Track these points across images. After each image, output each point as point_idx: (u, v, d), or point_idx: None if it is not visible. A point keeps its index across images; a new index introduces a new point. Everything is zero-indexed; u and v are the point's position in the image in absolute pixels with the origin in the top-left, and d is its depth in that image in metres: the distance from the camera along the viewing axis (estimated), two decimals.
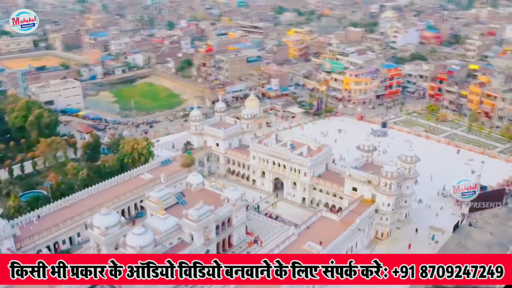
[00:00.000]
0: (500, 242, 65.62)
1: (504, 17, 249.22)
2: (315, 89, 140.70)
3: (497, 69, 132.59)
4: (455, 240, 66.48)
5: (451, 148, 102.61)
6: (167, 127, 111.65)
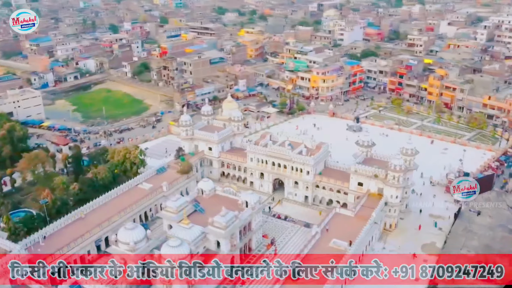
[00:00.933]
0: (500, 224, 70.31)
1: (434, 13, 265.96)
2: (280, 88, 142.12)
3: (451, 63, 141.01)
4: (460, 225, 70.20)
5: (424, 139, 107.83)
6: (144, 134, 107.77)
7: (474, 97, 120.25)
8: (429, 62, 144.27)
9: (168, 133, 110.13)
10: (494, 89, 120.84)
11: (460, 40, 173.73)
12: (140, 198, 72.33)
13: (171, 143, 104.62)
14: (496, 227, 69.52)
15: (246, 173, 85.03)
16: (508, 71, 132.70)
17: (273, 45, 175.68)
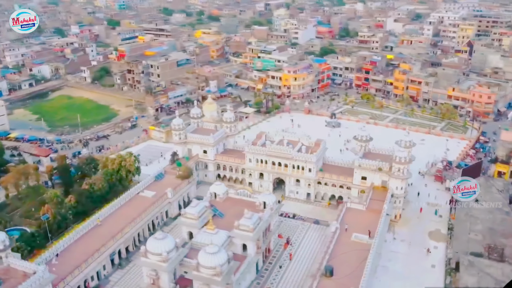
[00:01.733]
0: (497, 208, 74.26)
1: (378, 10, 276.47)
2: (249, 88, 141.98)
3: (413, 57, 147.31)
4: (461, 211, 73.48)
5: (400, 131, 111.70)
6: (124, 141, 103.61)
7: (439, 89, 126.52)
8: (390, 57, 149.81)
9: (148, 138, 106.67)
10: (455, 81, 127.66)
11: (413, 36, 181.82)
12: (147, 207, 69.61)
13: (153, 148, 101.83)
14: (494, 210, 73.52)
15: (244, 174, 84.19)
16: (465, 64, 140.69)
17: (235, 45, 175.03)
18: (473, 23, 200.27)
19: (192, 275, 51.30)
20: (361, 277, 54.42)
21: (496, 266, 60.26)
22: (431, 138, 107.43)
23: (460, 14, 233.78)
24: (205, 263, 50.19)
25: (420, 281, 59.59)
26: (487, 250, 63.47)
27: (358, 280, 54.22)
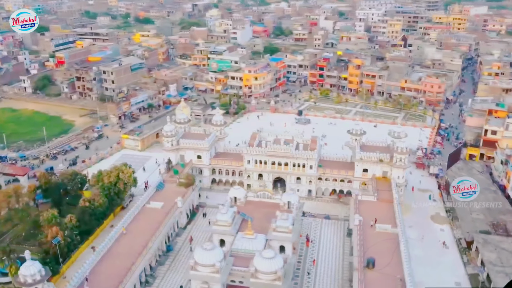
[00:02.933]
0: (484, 188, 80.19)
1: (304, 9, 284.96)
2: (207, 90, 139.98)
3: (361, 53, 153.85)
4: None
5: (368, 124, 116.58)
6: (97, 152, 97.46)
7: (392, 82, 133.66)
8: (339, 53, 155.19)
9: (121, 147, 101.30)
10: (406, 74, 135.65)
11: (351, 33, 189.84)
12: (162, 218, 66.29)
13: (129, 158, 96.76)
14: (483, 190, 79.25)
15: (241, 176, 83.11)
16: (410, 57, 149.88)
17: (181, 47, 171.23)
18: (400, 19, 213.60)
19: (249, 283, 49.90)
20: (401, 266, 56.23)
21: (507, 241, 65.25)
22: (397, 129, 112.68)
23: (383, 11, 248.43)
24: (264, 269, 49.10)
25: (441, 264, 63.04)
26: (493, 228, 68.56)
27: (399, 268, 55.95)
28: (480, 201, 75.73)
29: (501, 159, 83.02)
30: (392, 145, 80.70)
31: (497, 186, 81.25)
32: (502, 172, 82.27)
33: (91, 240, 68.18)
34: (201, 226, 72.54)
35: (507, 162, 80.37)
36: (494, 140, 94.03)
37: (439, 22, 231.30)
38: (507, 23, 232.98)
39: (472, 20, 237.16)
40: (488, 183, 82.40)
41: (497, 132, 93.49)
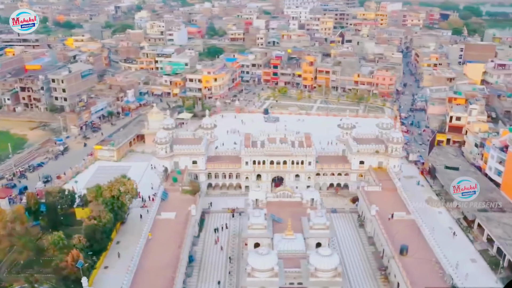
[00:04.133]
0: (465, 170, 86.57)
1: (232, 9, 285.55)
2: (164, 94, 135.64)
3: (312, 51, 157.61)
4: (443, 178, 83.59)
5: (332, 118, 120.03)
6: (71, 167, 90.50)
7: (346, 77, 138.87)
8: (289, 51, 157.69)
9: (94, 159, 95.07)
10: (357, 68, 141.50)
11: (291, 31, 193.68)
12: (181, 229, 63.44)
13: (107, 170, 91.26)
14: (465, 172, 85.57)
15: (239, 179, 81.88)
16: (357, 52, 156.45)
17: (125, 51, 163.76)
18: (332, 16, 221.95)
19: (309, 282, 49.60)
20: (430, 250, 59.06)
21: (505, 216, 70.97)
22: (362, 121, 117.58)
23: (309, 9, 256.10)
24: (323, 267, 49.14)
25: (452, 244, 66.84)
26: (488, 205, 74.11)
27: (429, 252, 58.77)
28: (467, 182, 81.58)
29: (475, 142, 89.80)
30: (380, 136, 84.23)
31: (475, 168, 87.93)
32: (478, 154, 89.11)
33: (102, 260, 63.64)
34: (212, 232, 70.45)
35: (483, 144, 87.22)
36: (459, 126, 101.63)
37: (364, 18, 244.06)
38: (422, 17, 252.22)
39: (391, 16, 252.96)
40: (466, 165, 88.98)
41: (461, 118, 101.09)
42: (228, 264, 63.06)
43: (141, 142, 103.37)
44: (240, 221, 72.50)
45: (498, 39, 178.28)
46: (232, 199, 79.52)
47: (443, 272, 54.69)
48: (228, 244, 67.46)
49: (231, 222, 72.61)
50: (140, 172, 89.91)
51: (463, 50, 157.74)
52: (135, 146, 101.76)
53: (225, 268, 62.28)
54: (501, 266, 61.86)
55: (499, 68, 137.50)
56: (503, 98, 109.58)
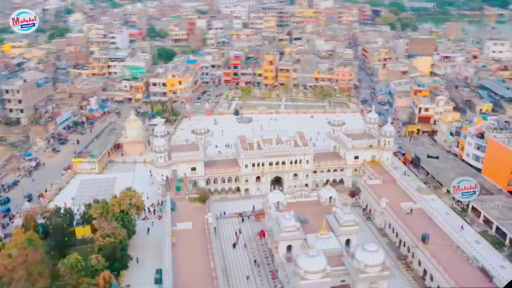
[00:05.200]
0: (444, 157, 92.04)
1: (168, 9, 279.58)
2: (125, 99, 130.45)
3: (271, 50, 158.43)
4: (429, 166, 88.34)
5: (302, 116, 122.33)
6: (52, 183, 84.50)
7: (307, 74, 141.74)
8: (246, 51, 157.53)
9: (73, 173, 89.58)
10: (315, 65, 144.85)
11: (240, 31, 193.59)
12: (203, 239, 61.84)
13: (90, 183, 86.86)
14: (445, 159, 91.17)
15: (238, 182, 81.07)
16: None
17: (73, 57, 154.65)
18: (274, 14, 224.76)
19: (358, 278, 50.62)
20: (447, 236, 62.45)
21: (495, 198, 76.39)
22: (332, 117, 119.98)
23: (248, 8, 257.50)
24: (372, 262, 50.40)
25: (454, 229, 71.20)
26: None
27: (447, 238, 62.15)
28: (448, 168, 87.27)
29: (450, 131, 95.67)
30: (368, 131, 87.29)
31: (452, 155, 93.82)
32: (453, 142, 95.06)
33: (121, 278, 60.54)
34: (228, 239, 69.39)
35: (458, 133, 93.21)
36: (427, 116, 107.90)
37: (302, 16, 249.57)
38: (354, 14, 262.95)
39: (326, 14, 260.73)
40: (444, 153, 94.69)
41: (429, 109, 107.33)
42: (253, 267, 62.52)
43: (119, 151, 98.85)
44: (251, 224, 72.16)
45: (435, 33, 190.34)
46: (234, 204, 78.97)
47: (467, 256, 58.07)
48: (247, 248, 66.73)
49: (242, 226, 71.85)
50: (127, 183, 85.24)
51: (408, 44, 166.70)
52: (114, 156, 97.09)
53: (252, 271, 61.71)
54: (505, 245, 66.88)
55: (445, 60, 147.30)
56: (460, 89, 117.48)
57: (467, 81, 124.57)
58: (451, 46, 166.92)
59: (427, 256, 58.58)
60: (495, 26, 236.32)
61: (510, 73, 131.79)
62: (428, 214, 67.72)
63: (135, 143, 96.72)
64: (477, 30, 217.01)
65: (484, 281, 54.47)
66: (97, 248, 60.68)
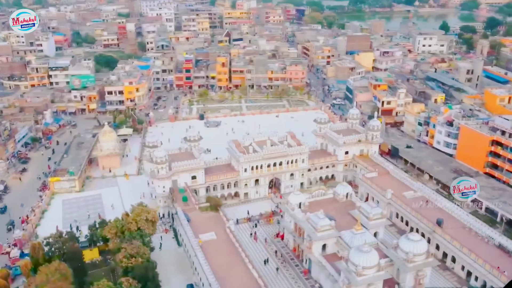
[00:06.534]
0: (417, 146, 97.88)
1: (88, 14, 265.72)
2: (77, 111, 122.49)
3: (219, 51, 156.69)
4: (408, 156, 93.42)
5: (268, 115, 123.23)
6: (33, 207, 77.22)
7: (260, 74, 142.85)
8: (184, 54, 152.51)
9: (51, 194, 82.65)
10: (267, 65, 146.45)
11: (178, 33, 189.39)
12: (233, 248, 60.54)
13: (73, 203, 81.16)
14: (419, 148, 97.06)
15: (237, 187, 79.99)
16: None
17: (7, 68, 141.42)
18: (206, 16, 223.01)
19: (407, 268, 52.67)
20: (456, 219, 66.93)
21: (477, 180, 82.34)
22: (295, 115, 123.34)
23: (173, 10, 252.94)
24: (418, 251, 52.78)
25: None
26: (457, 173, 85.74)
27: (456, 221, 66.64)
28: (424, 156, 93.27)
29: (419, 121, 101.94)
30: (351, 127, 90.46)
31: (424, 144, 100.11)
32: (422, 131, 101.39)
33: None
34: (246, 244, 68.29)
35: (427, 122, 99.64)
36: (390, 109, 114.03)
37: (230, 17, 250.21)
38: (280, 14, 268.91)
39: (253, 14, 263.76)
40: (416, 143, 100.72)
41: (391, 102, 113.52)
42: (282, 268, 62.49)
43: (93, 166, 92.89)
44: (264, 228, 71.75)
45: (365, 29, 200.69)
46: (235, 209, 77.74)
47: (481, 236, 62.73)
48: (268, 252, 66.33)
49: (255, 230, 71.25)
50: (115, 199, 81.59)
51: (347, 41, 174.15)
52: (89, 171, 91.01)
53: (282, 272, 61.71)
54: (497, 222, 73.10)
55: (384, 55, 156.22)
56: (411, 81, 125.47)
57: (414, 74, 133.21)
58: (384, 42, 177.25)
59: (447, 240, 62.28)
60: (415, 22, 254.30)
61: (447, 65, 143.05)
62: (432, 200, 71.83)
63: (112, 155, 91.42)
64: (398, 27, 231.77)
65: (504, 257, 59.23)
66: (122, 271, 56.94)
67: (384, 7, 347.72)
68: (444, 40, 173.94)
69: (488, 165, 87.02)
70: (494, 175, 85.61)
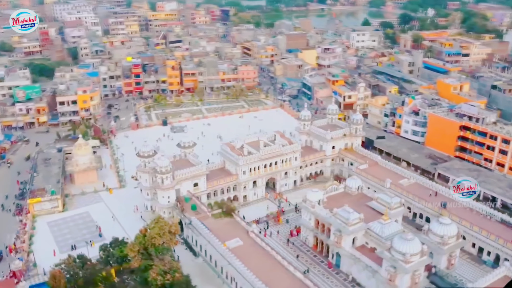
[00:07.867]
0: (388, 136, 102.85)
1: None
2: (26, 124, 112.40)
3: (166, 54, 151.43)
4: (391, 149, 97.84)
5: (231, 117, 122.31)
6: (18, 234, 69.69)
7: (212, 76, 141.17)
8: (129, 59, 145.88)
9: (32, 217, 75.25)
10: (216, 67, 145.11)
11: (112, 37, 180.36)
12: (265, 253, 59.83)
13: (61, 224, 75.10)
14: (390, 138, 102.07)
15: (236, 190, 78.72)
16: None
17: None
18: (135, 19, 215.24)
19: (443, 250, 55.68)
20: (456, 201, 71.59)
21: (454, 164, 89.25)
22: (258, 114, 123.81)
23: (94, 14, 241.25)
24: (451, 233, 56.17)
25: None
26: (433, 159, 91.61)
27: (457, 203, 71.31)
28: (397, 145, 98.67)
29: (384, 113, 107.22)
30: (330, 122, 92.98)
31: (392, 134, 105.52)
32: (389, 122, 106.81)
33: None
34: None
35: (394, 113, 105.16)
36: (351, 103, 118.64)
37: (155, 19, 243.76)
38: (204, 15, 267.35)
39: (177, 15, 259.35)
40: (382, 132, 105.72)
41: (351, 96, 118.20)
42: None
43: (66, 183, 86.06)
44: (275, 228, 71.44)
45: (299, 28, 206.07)
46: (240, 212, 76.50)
47: (483, 214, 67.97)
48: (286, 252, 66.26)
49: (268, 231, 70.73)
50: (106, 215, 76.74)
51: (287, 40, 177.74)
52: (66, 189, 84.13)
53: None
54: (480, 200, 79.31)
55: (326, 52, 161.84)
56: (363, 76, 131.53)
57: (362, 69, 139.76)
58: (320, 39, 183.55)
59: (456, 221, 66.47)
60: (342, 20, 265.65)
61: (387, 58, 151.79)
62: (426, 185, 76.27)
63: (89, 170, 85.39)
64: (323, 24, 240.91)
65: (508, 230, 64.69)
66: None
67: (300, 6, 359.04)
68: (375, 35, 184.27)
69: (457, 149, 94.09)
70: (464, 158, 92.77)
